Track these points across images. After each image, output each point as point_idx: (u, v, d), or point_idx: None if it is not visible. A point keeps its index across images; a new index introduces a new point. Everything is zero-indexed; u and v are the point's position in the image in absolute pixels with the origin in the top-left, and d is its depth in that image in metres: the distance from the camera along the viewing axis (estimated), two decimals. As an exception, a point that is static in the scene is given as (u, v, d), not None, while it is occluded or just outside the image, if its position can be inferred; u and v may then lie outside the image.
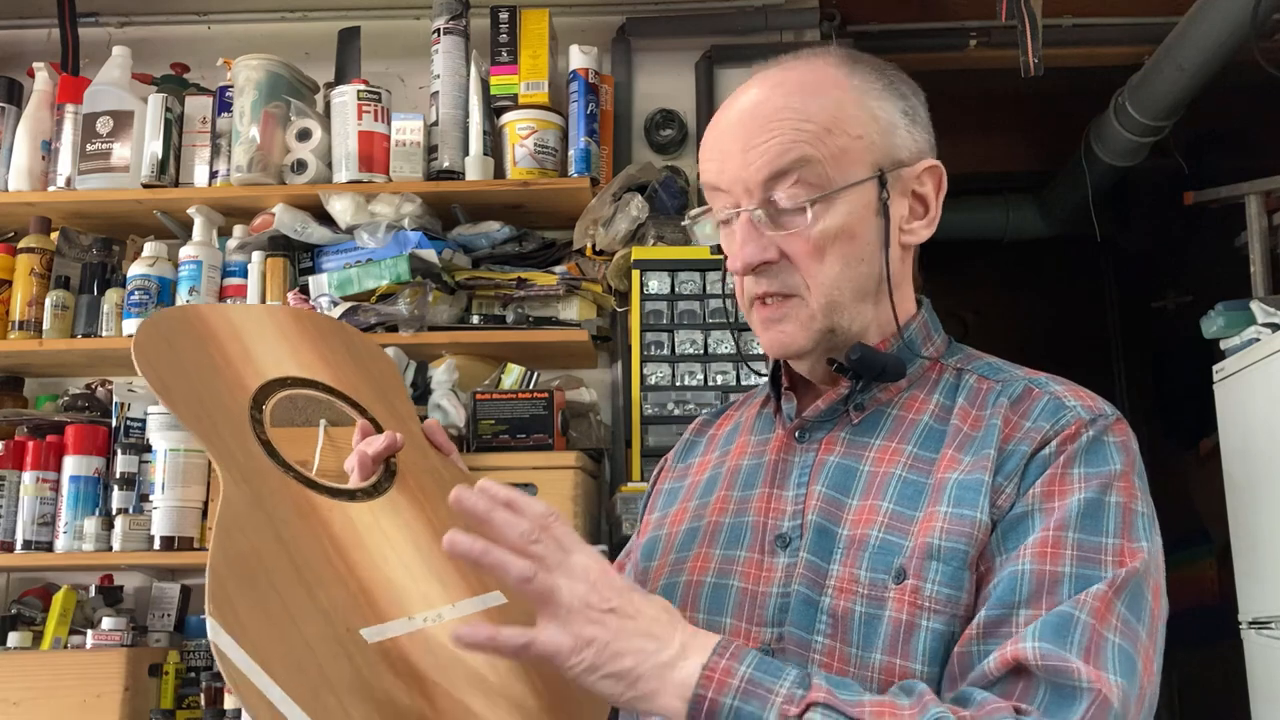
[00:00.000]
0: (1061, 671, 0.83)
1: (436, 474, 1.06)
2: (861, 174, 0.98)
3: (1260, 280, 2.99)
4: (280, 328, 1.06)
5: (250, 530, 0.86)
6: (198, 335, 1.01)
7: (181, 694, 2.37)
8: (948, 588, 0.90)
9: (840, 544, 0.95)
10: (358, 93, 2.53)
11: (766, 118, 0.98)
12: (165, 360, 0.97)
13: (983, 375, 1.02)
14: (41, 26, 2.85)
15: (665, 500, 1.15)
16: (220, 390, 0.97)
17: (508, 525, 0.85)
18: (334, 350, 1.08)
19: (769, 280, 0.99)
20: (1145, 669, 0.87)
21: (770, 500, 1.02)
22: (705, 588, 1.01)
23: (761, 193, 0.97)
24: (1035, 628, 0.85)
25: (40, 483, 2.45)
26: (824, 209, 0.97)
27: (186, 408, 0.94)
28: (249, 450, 0.93)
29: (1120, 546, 0.89)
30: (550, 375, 2.60)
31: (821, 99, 0.98)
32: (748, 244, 0.98)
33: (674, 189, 2.58)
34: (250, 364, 1.01)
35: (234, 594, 0.81)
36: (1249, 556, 2.78)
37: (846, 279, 0.99)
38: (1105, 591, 0.87)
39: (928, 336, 1.06)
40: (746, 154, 0.97)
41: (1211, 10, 2.85)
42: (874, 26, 3.23)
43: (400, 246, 2.42)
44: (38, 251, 2.57)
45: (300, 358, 1.05)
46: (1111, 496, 0.91)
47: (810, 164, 0.96)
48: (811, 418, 1.04)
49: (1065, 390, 0.99)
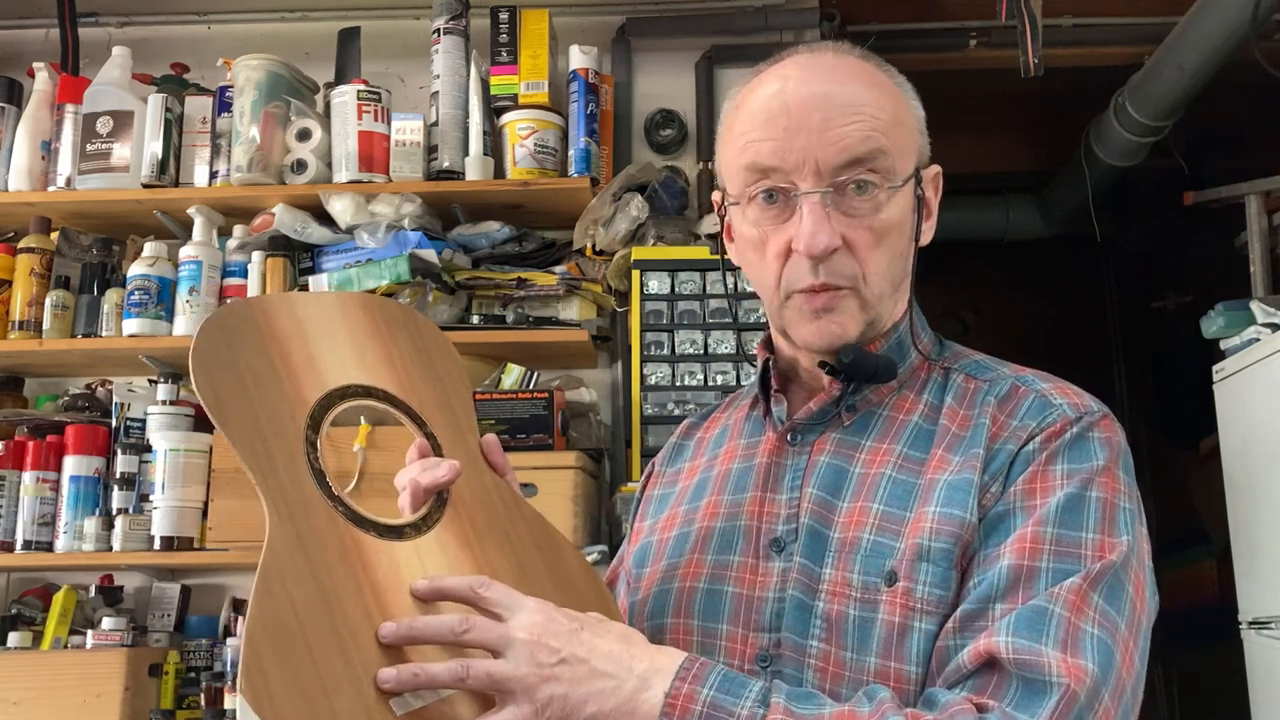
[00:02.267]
0: (1032, 665, 0.83)
1: (489, 502, 1.02)
2: (909, 170, 1.00)
3: (1260, 280, 2.99)
4: (349, 322, 1.03)
5: (290, 580, 0.85)
6: (261, 336, 0.97)
7: (181, 694, 2.38)
8: (938, 589, 0.90)
9: (832, 547, 0.95)
10: (358, 93, 2.53)
11: (846, 102, 0.97)
12: (224, 373, 0.93)
13: (970, 374, 1.02)
14: (41, 26, 2.85)
15: (655, 507, 1.14)
16: (279, 407, 0.94)
17: (432, 631, 0.85)
18: (400, 347, 1.05)
19: (829, 270, 0.97)
20: (1124, 661, 0.86)
21: (763, 504, 1.01)
22: (699, 594, 1.00)
23: (833, 177, 0.96)
24: (1009, 620, 0.85)
25: (40, 483, 2.45)
26: (886, 200, 0.98)
27: (240, 433, 0.91)
28: (299, 482, 0.91)
29: (1100, 541, 0.89)
30: (550, 375, 2.60)
31: (887, 93, 1.00)
32: (821, 229, 0.95)
33: (674, 189, 2.58)
34: (313, 371, 0.98)
35: (268, 665, 0.80)
36: (1249, 556, 2.78)
37: (892, 271, 1.00)
38: (1080, 584, 0.86)
39: (917, 335, 1.06)
40: (825, 134, 0.96)
41: (1211, 10, 2.85)
42: (874, 26, 3.23)
43: (400, 246, 2.42)
44: (38, 251, 2.57)
45: (365, 357, 1.02)
46: (1093, 492, 0.91)
47: (884, 155, 0.97)
48: (803, 420, 1.03)
49: (1052, 388, 0.98)
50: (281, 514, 0.88)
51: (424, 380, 1.04)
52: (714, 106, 2.75)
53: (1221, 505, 2.89)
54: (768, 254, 0.99)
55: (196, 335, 0.93)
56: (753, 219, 1.00)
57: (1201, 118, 3.44)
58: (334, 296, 1.05)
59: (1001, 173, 4.45)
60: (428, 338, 1.08)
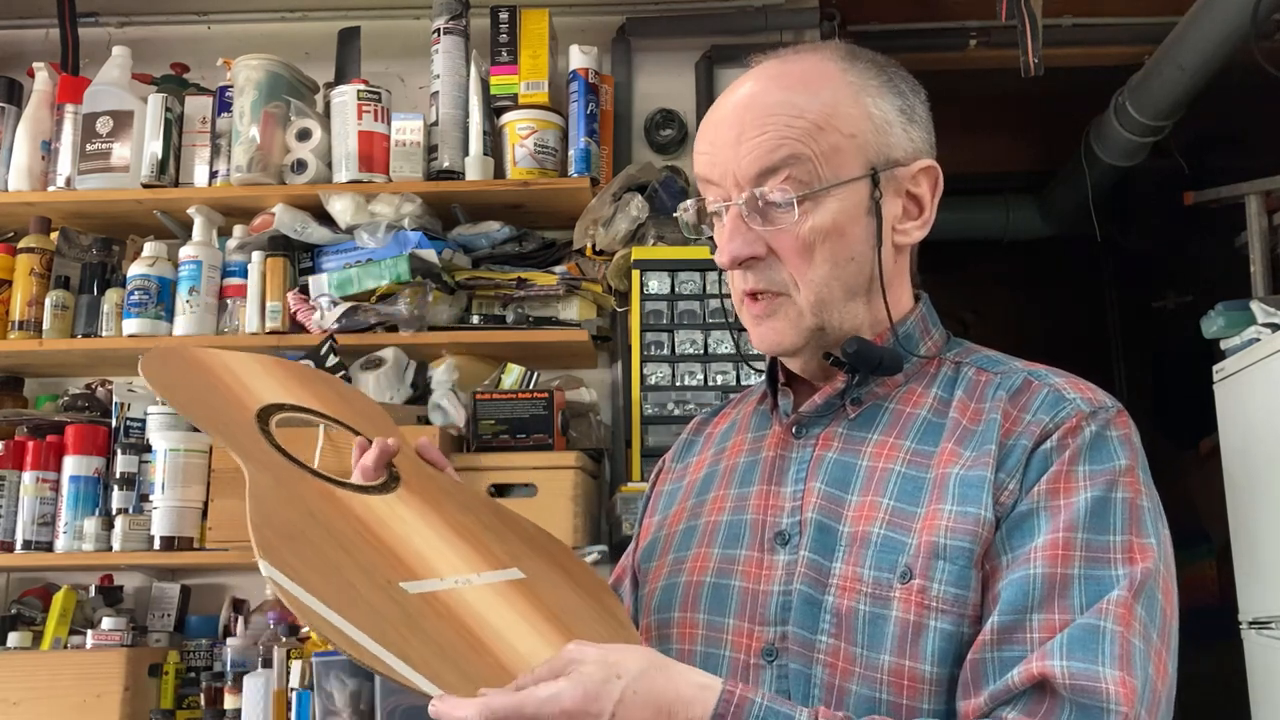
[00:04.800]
0: (1089, 692, 0.82)
1: (438, 480, 1.10)
2: (853, 172, 0.97)
3: (1260, 280, 2.99)
4: (268, 370, 1.13)
5: (282, 504, 0.91)
6: (195, 366, 1.07)
7: (181, 694, 2.38)
8: (954, 587, 0.90)
9: (842, 541, 0.94)
10: (358, 93, 2.53)
11: (760, 112, 0.97)
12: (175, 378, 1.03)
13: (981, 368, 1.01)
14: (41, 26, 2.85)
15: (665, 502, 1.15)
16: (225, 406, 1.03)
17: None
18: (319, 392, 1.15)
19: (756, 276, 0.99)
20: (1158, 670, 0.86)
21: (768, 497, 1.01)
22: (705, 588, 1.00)
23: (751, 187, 0.97)
24: (1062, 641, 0.85)
25: (40, 483, 2.45)
26: (812, 206, 0.96)
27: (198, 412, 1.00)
28: (264, 449, 0.98)
29: (1129, 543, 0.89)
30: (550, 375, 2.60)
31: (817, 95, 0.97)
32: (735, 238, 0.98)
33: (674, 189, 2.58)
34: (248, 392, 1.07)
35: (280, 544, 0.85)
36: (1249, 556, 2.78)
37: (836, 277, 0.98)
38: (1126, 597, 0.86)
39: (925, 331, 1.05)
40: (738, 147, 0.97)
41: (1211, 10, 2.85)
42: (874, 26, 3.23)
43: (400, 246, 2.42)
44: (38, 251, 2.57)
45: (292, 392, 1.11)
46: (1118, 493, 0.90)
47: (800, 161, 0.96)
48: (808, 413, 1.03)
49: (1064, 382, 0.98)
50: (258, 465, 0.94)
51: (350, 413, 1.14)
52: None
53: (1221, 505, 2.89)
54: (721, 262, 1.01)
55: (141, 362, 1.02)
56: (715, 229, 1.02)
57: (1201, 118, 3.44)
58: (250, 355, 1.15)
59: (1001, 173, 4.45)
60: (346, 390, 1.21)
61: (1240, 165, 3.21)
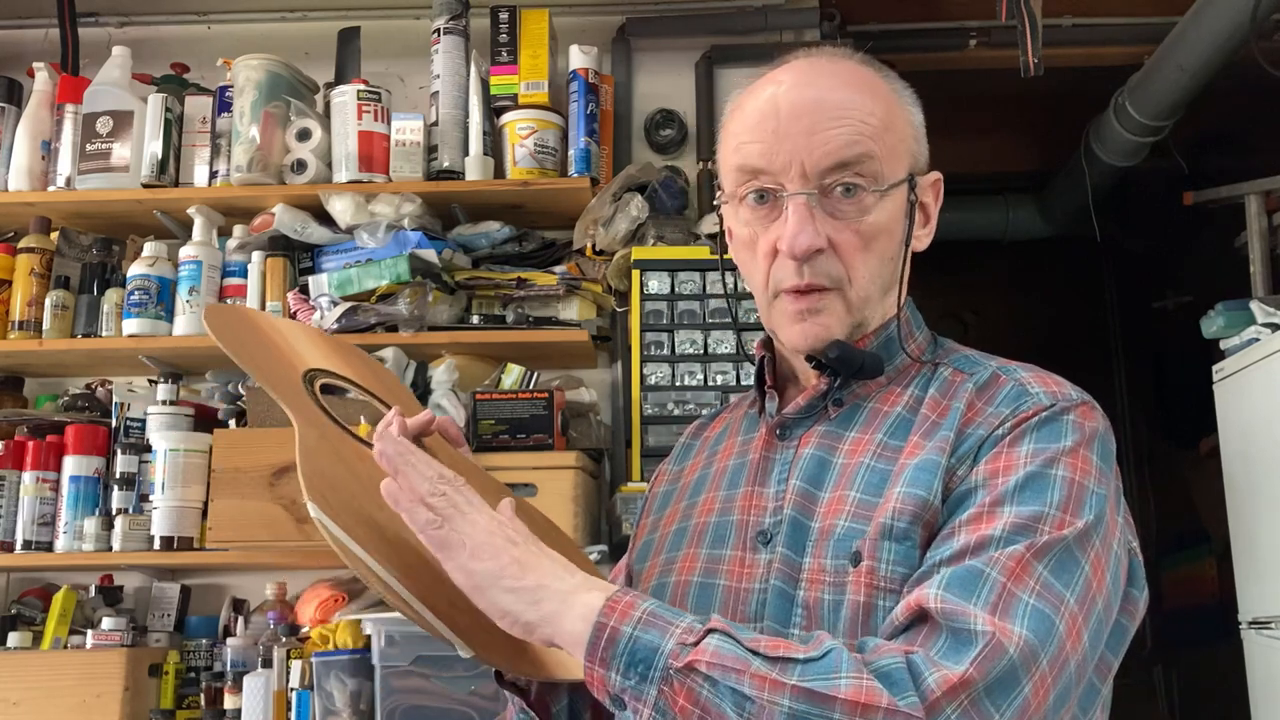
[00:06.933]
0: (959, 616, 0.82)
1: (457, 459, 1.14)
2: (901, 174, 1.01)
3: (1260, 280, 2.99)
4: (312, 339, 1.21)
5: (325, 456, 1.00)
6: (251, 323, 1.17)
7: (181, 694, 2.38)
8: (901, 566, 0.91)
9: (812, 536, 0.96)
10: (358, 93, 2.53)
11: (834, 107, 0.99)
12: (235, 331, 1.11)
13: (958, 368, 1.03)
14: (41, 26, 2.85)
15: (660, 504, 1.17)
16: (277, 364, 1.12)
17: (416, 476, 0.92)
18: (355, 366, 1.22)
19: (813, 270, 0.99)
20: (1069, 634, 0.84)
21: (752, 498, 1.03)
22: (693, 587, 1.03)
23: (819, 180, 0.98)
24: (943, 576, 0.86)
25: (40, 483, 2.45)
26: (876, 203, 0.99)
27: (258, 369, 1.08)
28: (311, 407, 1.07)
29: (1060, 519, 0.88)
30: (550, 375, 2.60)
31: (879, 98, 1.01)
32: (804, 229, 0.97)
33: (674, 189, 2.58)
34: (296, 354, 1.15)
35: (328, 492, 0.94)
36: (1249, 556, 2.78)
37: (880, 274, 1.01)
38: (1022, 553, 0.85)
39: (909, 334, 1.06)
40: (810, 137, 0.98)
41: (1211, 10, 2.85)
42: (874, 26, 3.23)
43: (400, 246, 2.42)
44: (38, 251, 2.57)
45: (333, 362, 1.19)
46: (1057, 470, 0.90)
47: (871, 159, 0.98)
48: (792, 415, 1.05)
49: (1032, 377, 0.99)
50: (306, 420, 1.02)
51: (381, 389, 1.22)
52: (714, 106, 2.75)
53: (1221, 505, 2.89)
54: (757, 253, 1.02)
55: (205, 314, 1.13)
56: (744, 219, 1.03)
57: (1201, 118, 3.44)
58: (297, 323, 1.24)
59: (1001, 173, 4.45)
60: (380, 368, 1.29)
61: (1240, 165, 3.21)
